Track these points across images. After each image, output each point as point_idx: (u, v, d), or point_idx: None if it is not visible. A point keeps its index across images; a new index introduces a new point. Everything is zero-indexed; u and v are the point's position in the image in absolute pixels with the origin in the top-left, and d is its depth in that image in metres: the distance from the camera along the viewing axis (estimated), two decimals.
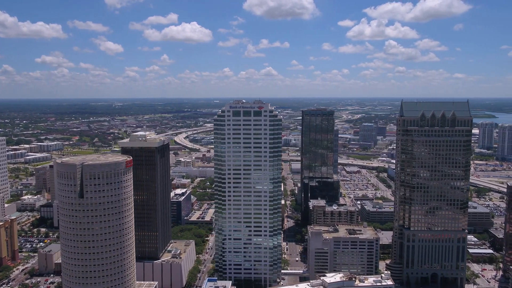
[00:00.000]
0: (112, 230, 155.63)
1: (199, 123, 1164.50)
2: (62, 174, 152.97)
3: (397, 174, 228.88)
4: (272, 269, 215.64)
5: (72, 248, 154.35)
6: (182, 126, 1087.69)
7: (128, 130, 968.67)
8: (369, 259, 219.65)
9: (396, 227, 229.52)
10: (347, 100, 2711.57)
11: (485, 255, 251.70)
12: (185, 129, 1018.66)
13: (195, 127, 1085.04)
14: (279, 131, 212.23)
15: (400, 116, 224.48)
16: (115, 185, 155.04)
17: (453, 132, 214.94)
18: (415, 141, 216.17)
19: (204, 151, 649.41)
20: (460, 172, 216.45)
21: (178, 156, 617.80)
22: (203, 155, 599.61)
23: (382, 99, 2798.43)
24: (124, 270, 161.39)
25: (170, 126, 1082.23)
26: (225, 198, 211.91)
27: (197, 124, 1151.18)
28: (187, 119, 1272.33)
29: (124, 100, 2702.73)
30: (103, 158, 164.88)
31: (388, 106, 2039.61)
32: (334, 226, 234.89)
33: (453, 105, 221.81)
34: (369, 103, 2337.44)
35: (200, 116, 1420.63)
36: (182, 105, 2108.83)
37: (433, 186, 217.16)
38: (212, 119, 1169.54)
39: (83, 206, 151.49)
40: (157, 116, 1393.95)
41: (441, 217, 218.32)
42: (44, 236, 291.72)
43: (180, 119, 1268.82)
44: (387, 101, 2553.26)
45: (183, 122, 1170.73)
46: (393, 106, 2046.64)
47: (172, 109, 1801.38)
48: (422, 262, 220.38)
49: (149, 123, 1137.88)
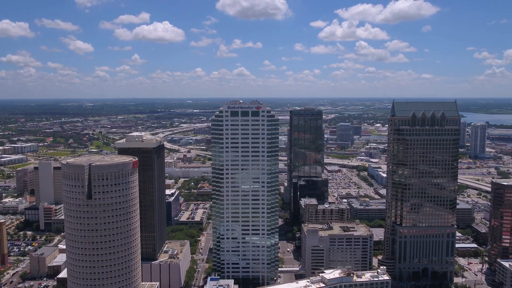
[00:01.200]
0: (120, 231, 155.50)
1: (174, 124, 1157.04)
2: (69, 175, 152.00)
3: (389, 172, 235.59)
4: (270, 267, 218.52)
5: (80, 250, 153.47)
6: (157, 126, 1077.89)
7: (103, 131, 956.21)
8: (364, 255, 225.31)
9: (388, 224, 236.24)
10: (319, 100, 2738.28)
11: (470, 249, 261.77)
12: (161, 130, 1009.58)
13: (171, 127, 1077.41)
14: (277, 131, 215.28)
15: (391, 116, 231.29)
16: (123, 185, 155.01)
17: (443, 131, 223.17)
18: (407, 140, 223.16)
19: (184, 152, 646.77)
20: (449, 170, 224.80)
21: None
22: (184, 155, 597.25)
23: (353, 99, 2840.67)
24: (131, 271, 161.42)
25: (146, 126, 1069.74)
26: (223, 198, 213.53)
27: (172, 124, 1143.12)
28: (162, 120, 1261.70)
29: (94, 100, 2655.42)
30: (109, 159, 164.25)
31: (360, 106, 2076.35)
32: (328, 224, 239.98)
33: (442, 105, 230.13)
34: (341, 103, 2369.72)
35: (174, 116, 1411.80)
36: (155, 105, 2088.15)
37: (423, 183, 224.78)
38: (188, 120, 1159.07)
39: (91, 207, 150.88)
40: (130, 116, 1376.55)
41: (431, 214, 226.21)
42: (32, 240, 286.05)
43: (154, 120, 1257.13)
44: (358, 101, 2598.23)
45: (158, 123, 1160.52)
46: (364, 106, 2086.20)
47: (145, 109, 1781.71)
48: (413, 257, 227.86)
49: (124, 124, 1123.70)
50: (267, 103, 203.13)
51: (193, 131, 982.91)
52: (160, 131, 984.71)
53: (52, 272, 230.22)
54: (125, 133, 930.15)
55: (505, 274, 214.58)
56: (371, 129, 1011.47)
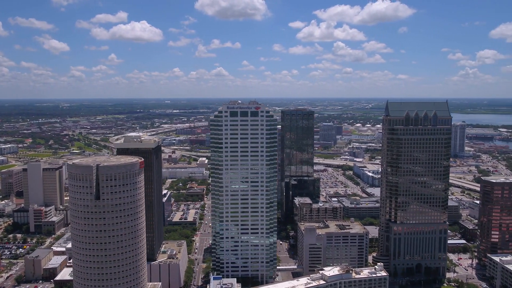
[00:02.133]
0: (127, 232, 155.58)
1: (155, 124, 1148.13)
2: (76, 176, 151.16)
3: (383, 170, 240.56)
4: (269, 266, 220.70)
5: (88, 251, 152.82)
6: (138, 127, 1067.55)
7: (83, 132, 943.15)
8: (360, 252, 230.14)
9: (382, 222, 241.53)
10: (297, 100, 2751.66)
11: (460, 245, 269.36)
12: (142, 130, 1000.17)
13: (152, 128, 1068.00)
14: (275, 131, 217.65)
15: (385, 116, 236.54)
16: (130, 186, 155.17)
17: (435, 130, 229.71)
18: (401, 139, 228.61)
19: (168, 152, 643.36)
20: (441, 168, 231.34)
21: None
22: (169, 156, 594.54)
23: (331, 99, 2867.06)
24: (138, 271, 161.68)
25: (126, 127, 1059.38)
26: (222, 197, 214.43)
27: (153, 125, 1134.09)
28: (142, 120, 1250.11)
29: (70, 100, 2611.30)
30: (115, 160, 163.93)
31: (338, 106, 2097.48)
32: (324, 222, 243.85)
33: (434, 105, 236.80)
34: (319, 103, 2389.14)
35: (154, 116, 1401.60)
36: (133, 106, 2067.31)
37: (417, 181, 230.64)
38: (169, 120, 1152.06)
39: (99, 208, 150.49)
40: (109, 117, 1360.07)
41: (424, 211, 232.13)
42: (22, 242, 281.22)
43: (134, 120, 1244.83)
44: (336, 101, 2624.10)
45: (139, 123, 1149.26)
46: (343, 106, 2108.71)
47: (124, 109, 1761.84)
48: (407, 254, 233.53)
49: (103, 125, 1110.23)
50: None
51: (175, 131, 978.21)
52: (141, 131, 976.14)
53: (48, 274, 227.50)
54: (105, 134, 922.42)
55: (495, 268, 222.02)
56: (352, 129, 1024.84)
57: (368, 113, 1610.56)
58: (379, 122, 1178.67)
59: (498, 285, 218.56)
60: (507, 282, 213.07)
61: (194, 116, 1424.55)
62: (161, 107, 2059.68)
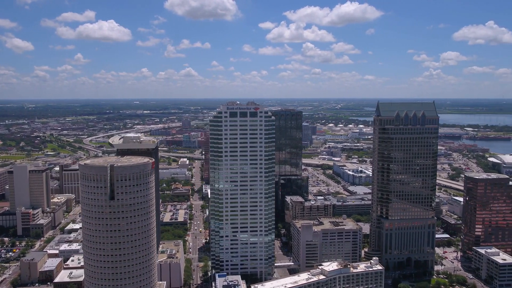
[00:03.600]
0: (140, 231, 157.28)
1: (127, 125, 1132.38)
2: (90, 176, 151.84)
3: (375, 168, 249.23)
4: (267, 263, 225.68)
5: (102, 251, 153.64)
6: (111, 128, 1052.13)
7: (54, 133, 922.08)
8: (354, 248, 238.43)
9: (374, 218, 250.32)
10: (268, 100, 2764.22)
11: (444, 239, 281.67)
12: (116, 132, 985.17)
13: (125, 129, 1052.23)
14: (273, 131, 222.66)
15: (376, 116, 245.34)
16: (143, 186, 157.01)
17: (424, 129, 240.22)
18: (392, 138, 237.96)
19: None
20: (430, 166, 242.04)
21: None
22: None
23: (300, 100, 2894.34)
24: (150, 270, 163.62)
25: (98, 128, 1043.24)
26: (221, 197, 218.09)
27: (126, 126, 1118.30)
28: (113, 121, 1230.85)
29: (35, 101, 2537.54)
30: (126, 160, 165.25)
31: (309, 107, 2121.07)
32: (318, 220, 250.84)
33: (422, 106, 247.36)
34: (290, 103, 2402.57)
35: (125, 117, 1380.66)
36: (102, 107, 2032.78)
37: (407, 178, 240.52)
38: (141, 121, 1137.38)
39: (113, 208, 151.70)
40: (79, 118, 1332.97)
41: (414, 207, 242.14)
42: (11, 246, 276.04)
43: (105, 121, 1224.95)
44: (306, 101, 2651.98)
45: (111, 124, 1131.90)
46: (313, 107, 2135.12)
47: (93, 110, 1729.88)
48: (398, 248, 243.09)
49: (74, 126, 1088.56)
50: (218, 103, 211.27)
51: (149, 132, 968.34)
52: (115, 132, 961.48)
53: (44, 277, 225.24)
54: (78, 135, 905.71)
55: (481, 260, 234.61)
56: (325, 129, 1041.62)
57: (338, 113, 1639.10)
58: (350, 122, 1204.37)
59: (483, 275, 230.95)
60: (492, 273, 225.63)
61: (166, 117, 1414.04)
62: (130, 107, 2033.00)
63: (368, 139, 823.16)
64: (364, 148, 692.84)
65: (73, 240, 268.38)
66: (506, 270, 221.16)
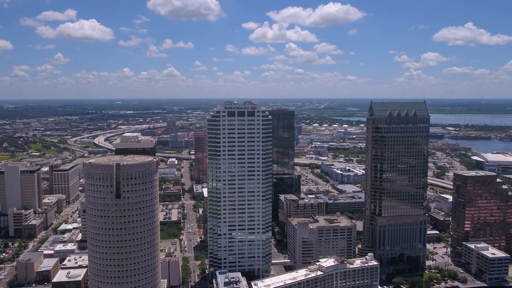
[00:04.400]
0: (146, 229, 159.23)
1: (112, 125, 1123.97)
2: (96, 175, 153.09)
3: (368, 166, 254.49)
4: (265, 260, 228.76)
5: (107, 249, 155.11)
6: (95, 128, 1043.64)
7: (37, 134, 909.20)
8: (348, 244, 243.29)
9: (367, 215, 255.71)
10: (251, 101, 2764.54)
11: (434, 236, 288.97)
12: (100, 132, 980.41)
13: (109, 129, 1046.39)
14: (270, 130, 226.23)
15: (370, 115, 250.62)
16: (149, 184, 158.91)
17: (415, 128, 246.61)
18: (385, 136, 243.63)
19: None
20: (422, 163, 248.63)
21: None
22: None
23: (283, 100, 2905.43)
24: (155, 267, 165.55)
25: (82, 129, 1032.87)
26: (220, 195, 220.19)
27: (110, 126, 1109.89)
28: (96, 121, 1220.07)
29: (14, 101, 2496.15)
30: (130, 159, 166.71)
31: (292, 107, 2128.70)
32: (313, 217, 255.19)
33: (414, 105, 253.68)
34: (273, 103, 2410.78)
35: (108, 118, 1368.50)
36: (84, 107, 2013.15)
37: (400, 176, 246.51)
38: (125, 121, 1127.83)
39: (119, 206, 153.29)
40: (62, 118, 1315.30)
41: (406, 204, 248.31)
42: (4, 247, 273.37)
43: (89, 121, 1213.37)
44: (289, 101, 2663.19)
45: (94, 125, 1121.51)
46: (296, 107, 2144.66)
47: (75, 111, 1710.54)
48: (391, 244, 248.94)
49: (57, 126, 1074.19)
50: (201, 104, 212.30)
51: None
52: (100, 133, 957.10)
53: (41, 277, 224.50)
54: (62, 135, 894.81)
55: (471, 255, 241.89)
56: (310, 128, 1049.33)
57: (322, 113, 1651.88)
58: (334, 122, 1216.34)
59: (474, 270, 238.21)
60: (482, 267, 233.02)
61: (150, 117, 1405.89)
62: (113, 108, 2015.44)
63: (353, 139, 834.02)
64: (350, 147, 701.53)
65: (68, 240, 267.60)
66: (495, 264, 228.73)
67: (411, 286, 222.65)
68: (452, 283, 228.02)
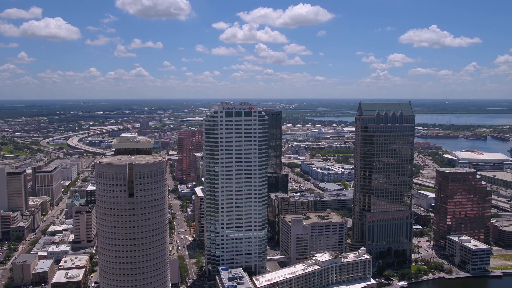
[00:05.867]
0: (157, 227, 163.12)
1: (83, 126, 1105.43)
2: (109, 174, 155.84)
3: (358, 165, 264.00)
4: (261, 257, 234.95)
5: (119, 247, 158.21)
6: (66, 129, 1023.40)
7: (6, 135, 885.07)
8: (340, 239, 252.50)
9: (356, 211, 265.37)
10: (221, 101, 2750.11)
11: (417, 230, 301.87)
12: (72, 133, 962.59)
13: (81, 130, 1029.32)
14: (266, 130, 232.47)
15: (359, 115, 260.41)
16: (160, 183, 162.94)
17: (402, 127, 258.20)
18: (373, 135, 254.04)
19: (110, 155, 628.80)
20: (408, 160, 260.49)
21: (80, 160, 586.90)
22: None
23: (253, 100, 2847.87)
24: (165, 264, 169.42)
25: (53, 130, 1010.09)
26: (217, 194, 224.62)
27: (81, 127, 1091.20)
28: (66, 122, 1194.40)
29: None
30: (140, 158, 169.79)
31: (264, 107, 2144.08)
32: (304, 214, 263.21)
33: (400, 105, 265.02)
34: None
35: (77, 118, 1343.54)
36: (50, 108, 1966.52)
37: (387, 173, 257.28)
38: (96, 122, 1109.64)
39: (132, 205, 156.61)
40: (30, 119, 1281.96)
41: (393, 200, 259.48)
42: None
43: (59, 123, 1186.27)
44: (259, 102, 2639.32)
45: (65, 126, 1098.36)
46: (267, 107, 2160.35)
47: (42, 111, 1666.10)
48: (379, 239, 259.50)
49: (27, 127, 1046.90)
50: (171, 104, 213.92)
51: (108, 133, 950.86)
52: (72, 134, 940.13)
53: (38, 279, 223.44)
54: (32, 137, 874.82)
55: (454, 247, 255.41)
56: (284, 129, 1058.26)
57: (293, 113, 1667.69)
58: (307, 122, 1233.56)
59: (457, 261, 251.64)
60: (465, 258, 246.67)
61: (121, 118, 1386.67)
62: (81, 108, 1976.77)
63: (327, 139, 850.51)
64: (326, 147, 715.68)
65: (60, 241, 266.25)
66: (478, 255, 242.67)
67: (401, 277, 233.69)
68: (439, 274, 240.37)
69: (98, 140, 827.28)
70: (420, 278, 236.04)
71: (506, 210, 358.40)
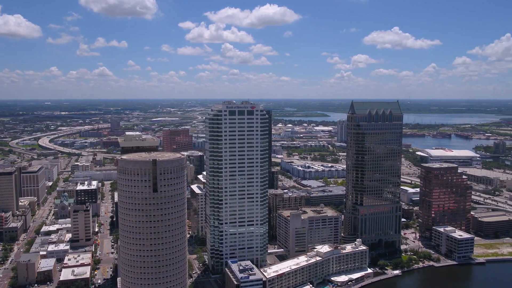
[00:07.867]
0: (178, 221, 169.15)
1: (51, 127, 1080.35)
2: (133, 170, 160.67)
3: (350, 161, 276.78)
4: (262, 251, 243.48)
5: (143, 241, 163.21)
6: (33, 130, 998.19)
7: None
8: (335, 232, 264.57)
9: (349, 205, 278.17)
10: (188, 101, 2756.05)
11: (403, 223, 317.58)
12: (40, 134, 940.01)
13: (49, 131, 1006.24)
14: (267, 128, 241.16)
15: (351, 114, 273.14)
16: (181, 178, 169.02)
17: (391, 125, 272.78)
18: (365, 133, 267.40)
19: (86, 155, 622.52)
20: (397, 156, 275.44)
21: (59, 160, 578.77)
22: (93, 158, 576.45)
23: (219, 100, 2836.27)
24: (185, 257, 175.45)
25: (20, 131, 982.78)
26: (221, 191, 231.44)
27: (49, 127, 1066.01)
28: (32, 123, 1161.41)
29: None
30: (159, 155, 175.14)
31: None
32: (301, 209, 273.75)
33: (389, 105, 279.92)
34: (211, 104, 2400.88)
35: (42, 119, 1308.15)
36: (11, 108, 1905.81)
37: (378, 169, 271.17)
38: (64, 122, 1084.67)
39: (156, 200, 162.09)
40: None
41: (384, 193, 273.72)
42: None
43: (23, 123, 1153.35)
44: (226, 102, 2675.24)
45: (32, 126, 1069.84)
46: None
47: (3, 112, 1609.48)
48: (370, 231, 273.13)
49: None
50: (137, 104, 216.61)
51: (79, 133, 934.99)
52: (41, 135, 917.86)
53: (42, 278, 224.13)
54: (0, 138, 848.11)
55: (440, 237, 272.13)
56: None
57: None
58: (278, 122, 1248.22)
59: (443, 250, 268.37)
60: (451, 247, 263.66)
61: (88, 118, 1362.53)
62: (43, 109, 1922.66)
63: (301, 138, 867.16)
64: (301, 146, 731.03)
65: (58, 241, 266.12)
66: (463, 244, 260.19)
67: (394, 267, 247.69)
68: (428, 263, 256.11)
69: (71, 140, 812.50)
70: (411, 267, 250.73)
71: (479, 203, 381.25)
